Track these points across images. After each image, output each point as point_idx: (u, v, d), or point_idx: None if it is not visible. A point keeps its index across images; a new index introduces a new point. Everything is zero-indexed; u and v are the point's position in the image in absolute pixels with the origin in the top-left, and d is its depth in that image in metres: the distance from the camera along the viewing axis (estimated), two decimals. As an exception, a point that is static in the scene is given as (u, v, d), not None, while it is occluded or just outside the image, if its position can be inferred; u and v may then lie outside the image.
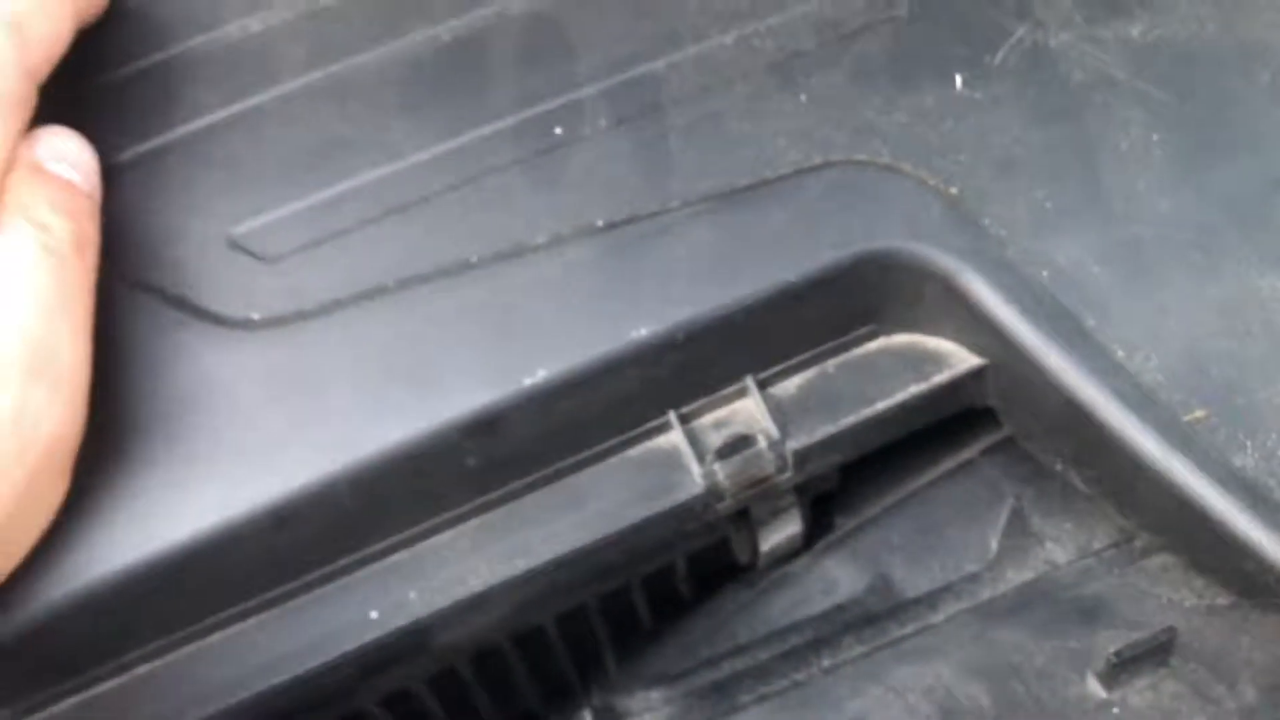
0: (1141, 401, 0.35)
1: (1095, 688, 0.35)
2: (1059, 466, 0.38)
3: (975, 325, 0.37)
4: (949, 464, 0.44)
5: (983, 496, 0.43)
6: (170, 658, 0.37)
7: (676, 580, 0.44)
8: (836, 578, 0.43)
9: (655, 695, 0.40)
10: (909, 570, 0.42)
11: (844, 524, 0.44)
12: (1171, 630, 0.35)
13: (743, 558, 0.43)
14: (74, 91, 0.39)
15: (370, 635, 0.36)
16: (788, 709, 0.37)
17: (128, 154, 0.39)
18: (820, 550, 0.44)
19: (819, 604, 0.42)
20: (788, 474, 0.38)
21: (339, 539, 0.37)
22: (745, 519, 0.41)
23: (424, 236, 0.37)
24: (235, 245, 0.38)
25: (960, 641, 0.37)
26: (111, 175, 0.38)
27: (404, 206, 0.38)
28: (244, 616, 0.37)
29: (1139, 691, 0.35)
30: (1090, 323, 0.36)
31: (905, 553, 0.42)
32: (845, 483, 0.44)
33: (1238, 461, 0.34)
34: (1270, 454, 0.34)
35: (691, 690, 0.39)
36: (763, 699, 0.37)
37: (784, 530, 0.42)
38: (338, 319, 0.37)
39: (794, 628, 0.41)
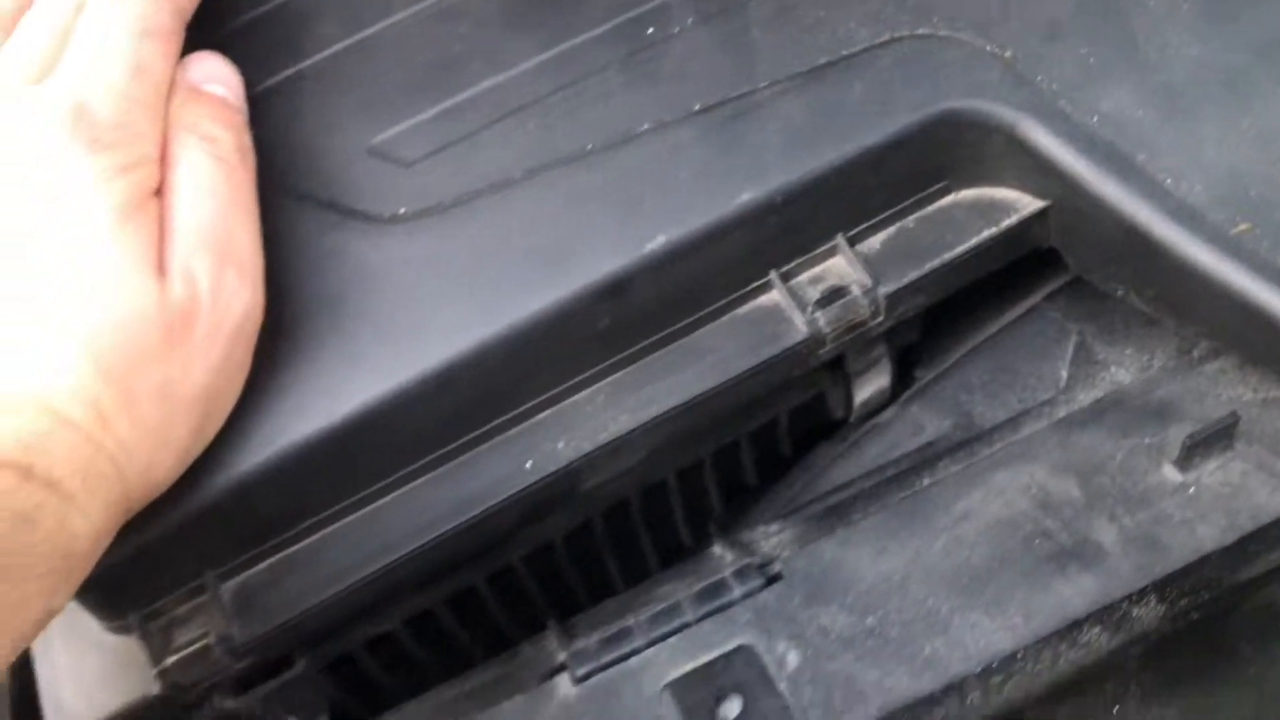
0: (1192, 220, 0.40)
1: (1172, 473, 0.40)
2: (1120, 292, 0.43)
3: (1037, 170, 0.42)
4: (1015, 312, 0.48)
5: (1049, 335, 0.47)
6: (351, 518, 0.41)
7: (779, 437, 0.49)
8: (922, 421, 0.48)
9: (774, 526, 0.44)
10: (988, 406, 0.47)
11: (924, 376, 0.49)
12: (1235, 415, 0.39)
13: (837, 413, 0.48)
14: (214, 33, 0.44)
15: (527, 482, 0.41)
16: (899, 516, 0.41)
17: (268, 84, 0.44)
18: (905, 401, 0.48)
19: (908, 445, 0.47)
20: (880, 318, 0.43)
21: (492, 401, 0.41)
22: (841, 372, 0.46)
23: (541, 132, 0.42)
24: (376, 154, 0.42)
25: (1047, 448, 0.42)
26: (255, 103, 0.43)
27: (520, 108, 0.43)
28: (414, 476, 0.41)
29: (1210, 473, 0.40)
30: (1140, 158, 0.41)
31: (984, 391, 0.47)
32: (924, 337, 0.48)
33: (1280, 262, 0.39)
34: (1308, 255, 0.39)
35: (808, 517, 0.44)
36: (874, 514, 0.42)
37: (875, 382, 0.47)
38: (475, 208, 0.41)
39: (891, 464, 0.46)
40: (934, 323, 0.48)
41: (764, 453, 0.49)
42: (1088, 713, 0.38)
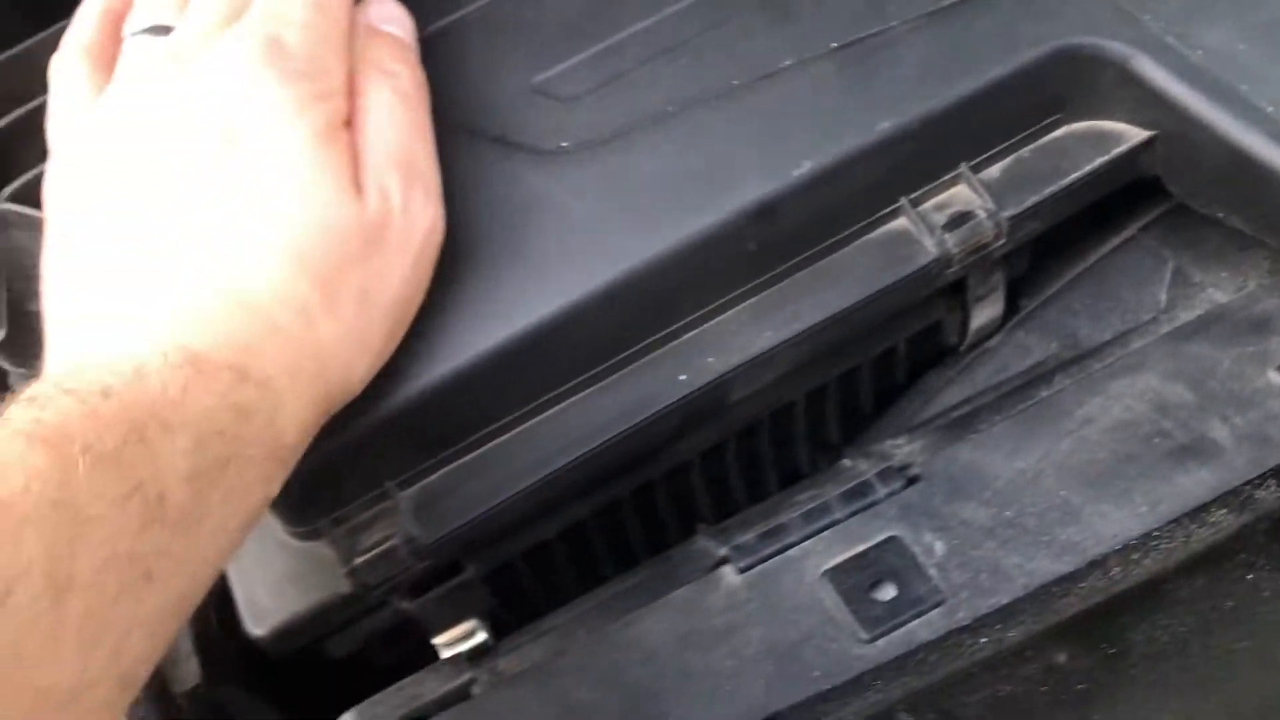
0: (1295, 143, 0.43)
1: (1276, 378, 0.43)
2: (1221, 214, 0.46)
3: (1146, 102, 0.45)
4: (1113, 242, 0.52)
5: (1146, 263, 0.51)
6: (522, 427, 0.44)
7: (897, 363, 0.52)
8: (1029, 344, 0.51)
9: (901, 439, 0.48)
10: (1093, 328, 0.50)
11: (1028, 305, 0.52)
12: (1337, 321, 0.43)
13: (951, 340, 0.52)
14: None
15: (681, 394, 0.44)
16: (1026, 423, 0.45)
17: (435, 27, 0.47)
18: (1011, 327, 0.52)
19: (1018, 367, 0.51)
20: (1002, 241, 0.46)
21: (649, 318, 0.45)
22: (959, 299, 0.50)
23: (691, 69, 0.46)
24: (539, 92, 0.46)
25: (1157, 358, 0.45)
26: (424, 46, 0.46)
27: (671, 48, 0.46)
28: (580, 388, 0.44)
29: (1313, 377, 0.44)
30: (1243, 88, 0.44)
31: (1087, 315, 0.51)
32: (1028, 270, 0.52)
33: (1376, 180, 0.43)
34: (1401, 173, 0.43)
35: (935, 429, 0.47)
36: (1001, 422, 0.45)
37: (991, 308, 0.50)
38: (633, 140, 0.45)
39: (1005, 381, 0.49)
40: (1037, 256, 0.52)
41: (881, 379, 0.52)
42: (1223, 581, 0.41)
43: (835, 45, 0.45)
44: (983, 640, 0.39)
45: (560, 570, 0.50)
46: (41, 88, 0.48)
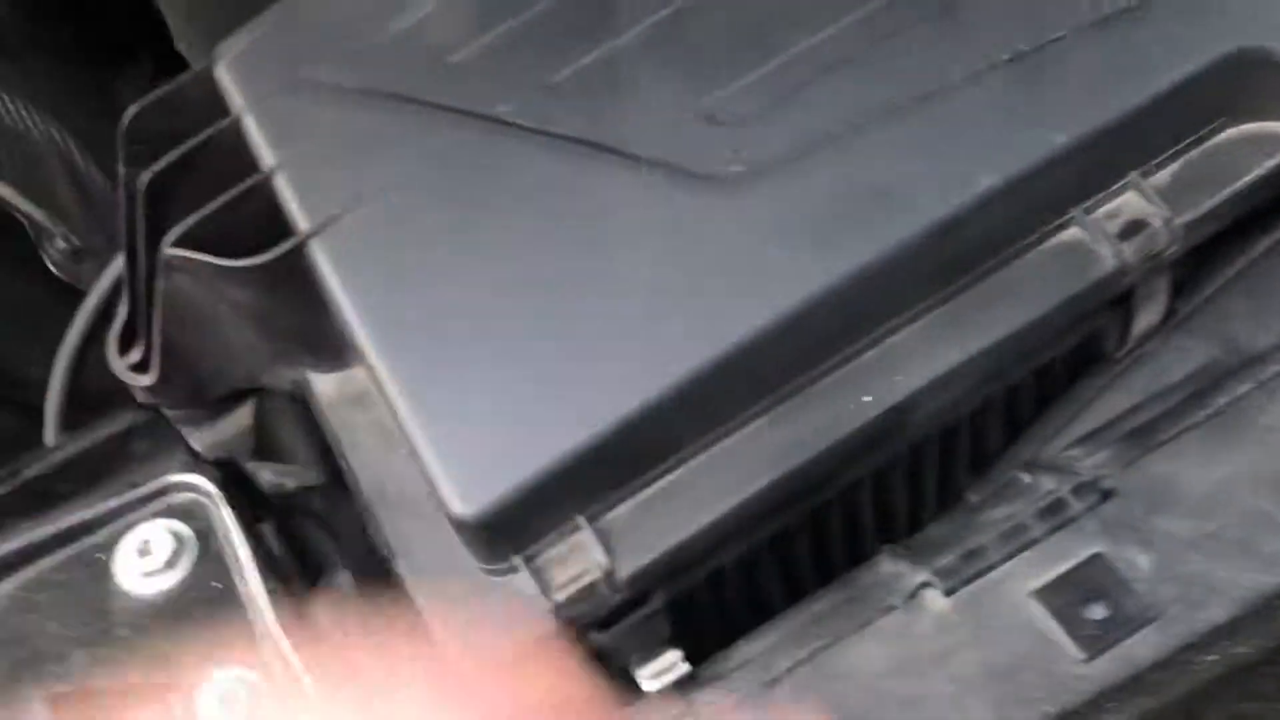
0: None
1: None
2: (1388, 211, 0.46)
3: (1318, 103, 0.45)
4: (1265, 243, 0.51)
5: (1304, 263, 0.51)
6: (706, 454, 0.44)
7: (1056, 372, 0.52)
8: (1188, 347, 0.51)
9: (1076, 450, 0.47)
10: (1252, 330, 0.50)
11: (1182, 309, 0.52)
12: None
13: (1109, 347, 0.51)
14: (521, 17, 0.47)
15: (868, 416, 0.44)
16: (1213, 433, 0.44)
17: (593, 56, 0.46)
18: (1167, 332, 0.51)
19: (1177, 373, 0.50)
20: (1175, 247, 0.46)
21: (831, 340, 0.44)
22: (1120, 307, 0.49)
23: (862, 86, 0.45)
24: (704, 117, 0.45)
25: (1336, 360, 0.46)
26: (584, 76, 0.46)
27: (835, 66, 0.46)
28: (764, 412, 0.44)
29: None
30: None
31: (1244, 317, 0.50)
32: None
33: None
34: None
35: (1115, 439, 0.47)
36: (1182, 433, 0.45)
37: (1152, 314, 0.50)
38: (807, 162, 0.44)
39: (1171, 388, 0.49)
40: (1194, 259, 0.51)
41: (1042, 389, 0.52)
42: None
43: (1006, 58, 0.45)
44: (1211, 658, 0.39)
45: (735, 597, 0.50)
46: (191, 126, 0.48)
